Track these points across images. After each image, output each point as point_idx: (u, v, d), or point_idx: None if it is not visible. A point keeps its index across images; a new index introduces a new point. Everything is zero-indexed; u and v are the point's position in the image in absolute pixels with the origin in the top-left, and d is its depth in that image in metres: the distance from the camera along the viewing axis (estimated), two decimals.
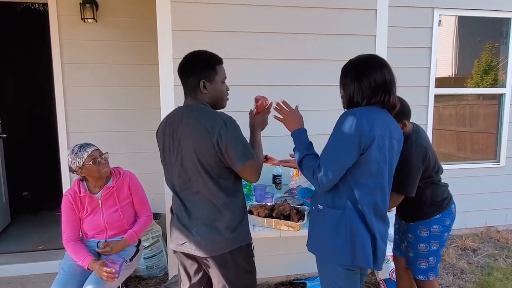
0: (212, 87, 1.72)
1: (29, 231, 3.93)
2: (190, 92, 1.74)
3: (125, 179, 2.36)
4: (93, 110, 3.55)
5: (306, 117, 2.90)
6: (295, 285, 3.03)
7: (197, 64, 1.72)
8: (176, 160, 1.71)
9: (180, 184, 1.73)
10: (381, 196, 1.65)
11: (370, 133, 1.54)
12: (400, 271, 2.42)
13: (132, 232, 2.31)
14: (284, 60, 2.90)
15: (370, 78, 1.61)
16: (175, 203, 1.80)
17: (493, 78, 4.25)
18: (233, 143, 1.60)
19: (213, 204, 1.67)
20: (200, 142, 1.61)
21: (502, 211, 4.23)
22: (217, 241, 1.67)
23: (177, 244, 1.77)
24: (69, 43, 3.44)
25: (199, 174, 1.65)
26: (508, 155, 4.19)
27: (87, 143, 2.27)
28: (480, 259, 3.53)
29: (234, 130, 1.63)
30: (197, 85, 1.69)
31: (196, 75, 1.69)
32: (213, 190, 1.66)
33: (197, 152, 1.63)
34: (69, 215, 2.25)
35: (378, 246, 1.63)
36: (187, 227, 1.71)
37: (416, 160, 1.99)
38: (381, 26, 2.98)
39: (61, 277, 2.12)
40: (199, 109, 1.68)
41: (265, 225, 2.17)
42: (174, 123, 1.72)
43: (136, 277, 3.12)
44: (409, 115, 2.11)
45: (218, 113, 1.68)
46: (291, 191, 2.73)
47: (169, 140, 1.73)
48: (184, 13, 2.70)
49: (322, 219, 1.70)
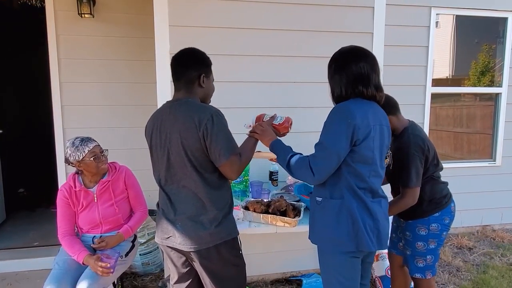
0: (207, 83, 1.78)
1: (24, 227, 3.91)
2: (185, 85, 1.74)
3: (120, 174, 2.35)
4: (90, 106, 3.54)
5: (302, 115, 2.93)
6: (291, 282, 3.03)
7: (199, 58, 1.77)
8: (163, 154, 1.71)
9: (167, 178, 1.74)
10: (376, 179, 1.70)
11: (363, 124, 1.58)
12: (395, 269, 2.41)
13: (127, 227, 2.30)
14: (281, 57, 2.90)
15: (347, 71, 1.66)
16: (161, 198, 1.80)
17: (490, 80, 4.27)
18: (218, 136, 1.61)
19: (198, 198, 1.67)
20: (188, 135, 1.61)
21: (498, 210, 4.25)
22: (201, 235, 1.67)
23: (162, 238, 1.77)
24: (66, 39, 3.43)
25: (186, 167, 1.66)
26: (504, 154, 4.21)
27: (88, 137, 2.25)
28: (475, 258, 3.55)
29: (220, 124, 1.63)
30: (196, 78, 1.72)
31: (197, 68, 1.73)
32: (199, 184, 1.66)
33: (184, 145, 1.63)
34: (64, 209, 2.24)
35: (381, 227, 1.67)
36: (172, 222, 1.72)
37: (415, 150, 1.98)
38: (378, 24, 2.98)
39: (55, 272, 2.10)
40: (187, 103, 1.69)
41: (261, 221, 2.16)
42: (162, 117, 1.73)
43: (131, 274, 3.11)
44: (396, 108, 2.11)
45: (206, 106, 1.69)
46: (287, 188, 2.73)
47: (157, 134, 1.73)
48: (182, 8, 2.69)
49: (322, 211, 1.72)
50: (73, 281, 2.06)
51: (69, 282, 2.06)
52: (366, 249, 1.65)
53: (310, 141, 1.78)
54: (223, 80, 2.80)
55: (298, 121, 2.93)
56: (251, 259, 2.93)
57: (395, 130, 2.10)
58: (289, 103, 2.93)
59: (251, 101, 2.87)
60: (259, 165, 2.78)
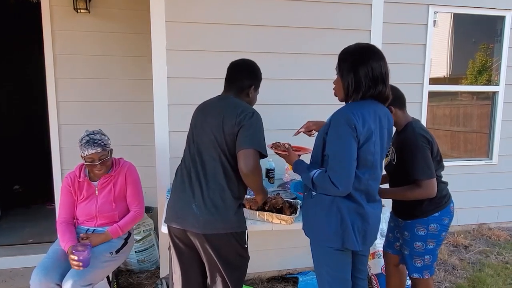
0: (253, 95, 1.97)
1: (19, 224, 3.90)
2: (235, 89, 1.91)
3: (123, 169, 2.36)
4: (86, 102, 3.50)
5: (298, 111, 2.92)
6: (288, 279, 3.02)
7: (255, 72, 1.98)
8: (202, 133, 1.83)
9: (195, 157, 1.82)
10: (375, 183, 1.72)
11: (363, 130, 1.58)
12: (390, 268, 2.40)
13: (116, 227, 2.29)
14: (279, 53, 2.88)
15: (367, 68, 1.62)
16: (179, 178, 1.86)
17: (487, 79, 4.27)
18: (251, 128, 1.73)
19: (219, 183, 1.76)
20: (228, 121, 1.75)
21: (494, 209, 4.25)
22: (218, 219, 1.73)
23: (173, 220, 1.81)
24: (62, 34, 3.39)
25: (216, 150, 1.77)
26: (501, 153, 4.22)
27: (95, 140, 2.20)
28: (471, 256, 3.55)
29: (257, 121, 1.78)
30: (247, 87, 1.91)
31: (251, 79, 1.93)
32: (223, 169, 1.76)
33: (223, 129, 1.75)
34: (66, 197, 2.29)
35: (368, 229, 1.71)
36: (187, 202, 1.77)
37: (422, 141, 1.96)
38: (376, 21, 2.98)
39: (45, 261, 2.12)
40: (236, 99, 1.87)
41: (257, 218, 2.15)
42: (210, 105, 1.90)
43: (127, 271, 3.10)
44: (402, 101, 2.09)
45: (250, 106, 1.87)
46: (284, 185, 2.72)
47: (201, 114, 1.88)
48: (178, 4, 2.67)
49: (314, 205, 1.75)
50: (62, 272, 2.05)
51: (58, 272, 2.05)
52: (351, 248, 1.69)
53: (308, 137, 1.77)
54: (220, 76, 2.78)
55: (296, 118, 2.93)
56: None
57: (398, 124, 2.08)
58: (287, 100, 2.92)
59: None
60: None
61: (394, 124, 2.02)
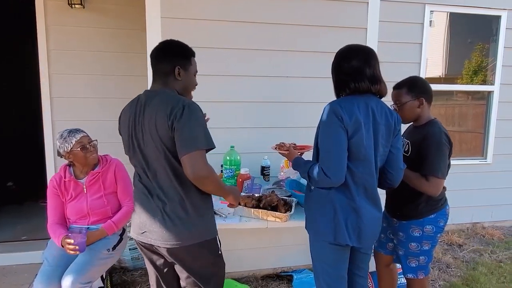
0: (185, 76, 1.69)
1: (12, 221, 3.85)
2: (161, 77, 1.67)
3: (111, 166, 2.34)
4: (79, 98, 3.48)
5: (295, 109, 2.92)
6: (282, 277, 3.01)
7: (174, 50, 1.70)
8: (138, 145, 1.64)
9: (144, 170, 1.65)
10: (371, 180, 1.72)
11: (351, 121, 1.59)
12: (381, 268, 2.39)
13: (111, 223, 2.27)
14: (275, 51, 2.87)
15: (339, 71, 1.74)
16: (138, 191, 1.71)
17: (482, 79, 4.28)
18: (185, 127, 1.50)
19: (175, 192, 1.59)
20: (160, 125, 1.54)
21: (488, 208, 4.28)
22: (181, 231, 1.59)
23: (138, 233, 1.69)
24: (56, 29, 3.36)
25: (160, 159, 1.58)
26: (495, 152, 4.23)
27: (77, 128, 2.26)
28: (465, 254, 3.57)
29: (190, 115, 1.52)
30: (171, 70, 1.65)
31: (172, 60, 1.66)
32: (174, 177, 1.58)
33: (159, 136, 1.55)
34: (53, 200, 2.27)
35: (363, 226, 1.70)
36: (152, 215, 1.63)
37: (445, 140, 1.95)
38: (372, 20, 2.97)
39: (45, 269, 2.11)
40: (161, 93, 1.63)
41: (252, 216, 2.15)
42: (138, 108, 1.65)
43: (121, 268, 3.07)
44: (426, 92, 2.07)
45: (180, 98, 1.60)
46: (279, 183, 2.71)
47: (132, 125, 1.66)
48: (174, 0, 2.65)
49: (311, 199, 1.79)
50: (62, 273, 2.06)
51: (59, 278, 2.06)
52: (343, 242, 1.69)
53: (307, 136, 1.76)
54: (216, 73, 2.78)
55: (294, 116, 2.93)
56: (241, 254, 2.94)
57: (421, 118, 2.06)
58: (282, 97, 2.91)
59: (244, 95, 2.85)
60: (251, 159, 2.75)
61: (416, 118, 2.05)
